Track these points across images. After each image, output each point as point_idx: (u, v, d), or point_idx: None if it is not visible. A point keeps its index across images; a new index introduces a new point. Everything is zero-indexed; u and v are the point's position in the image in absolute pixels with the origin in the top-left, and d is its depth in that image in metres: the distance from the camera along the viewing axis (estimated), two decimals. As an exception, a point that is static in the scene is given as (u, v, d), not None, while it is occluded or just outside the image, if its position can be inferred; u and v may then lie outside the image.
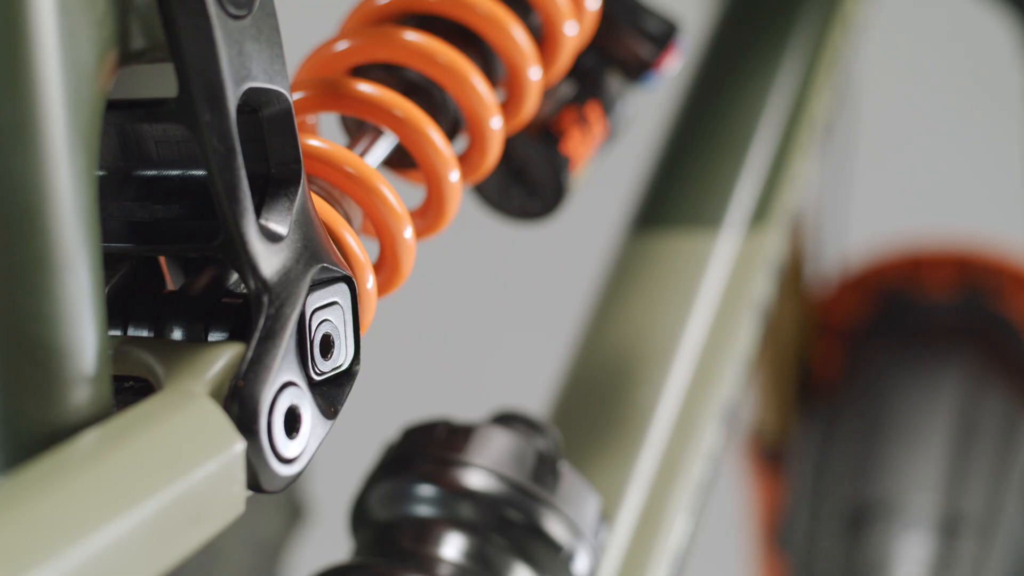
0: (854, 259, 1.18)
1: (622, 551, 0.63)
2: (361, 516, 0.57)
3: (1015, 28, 1.01)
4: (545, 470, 0.55)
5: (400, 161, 0.51)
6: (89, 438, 0.37)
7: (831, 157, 1.11)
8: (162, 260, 0.46)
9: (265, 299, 0.41)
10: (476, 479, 0.54)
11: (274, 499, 0.78)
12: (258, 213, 0.42)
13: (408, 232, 0.48)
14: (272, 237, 0.42)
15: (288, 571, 0.81)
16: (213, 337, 0.43)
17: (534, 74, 0.52)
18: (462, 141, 0.52)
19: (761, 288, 0.73)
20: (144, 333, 0.44)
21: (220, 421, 0.40)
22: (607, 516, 0.61)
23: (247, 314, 0.42)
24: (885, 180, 1.67)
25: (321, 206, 0.45)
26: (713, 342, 0.70)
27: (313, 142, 0.46)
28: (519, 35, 0.51)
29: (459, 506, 0.54)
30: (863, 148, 1.21)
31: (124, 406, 0.39)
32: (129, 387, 0.42)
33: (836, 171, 1.14)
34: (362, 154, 0.49)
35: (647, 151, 0.80)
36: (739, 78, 0.80)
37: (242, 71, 0.40)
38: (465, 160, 0.52)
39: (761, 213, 0.75)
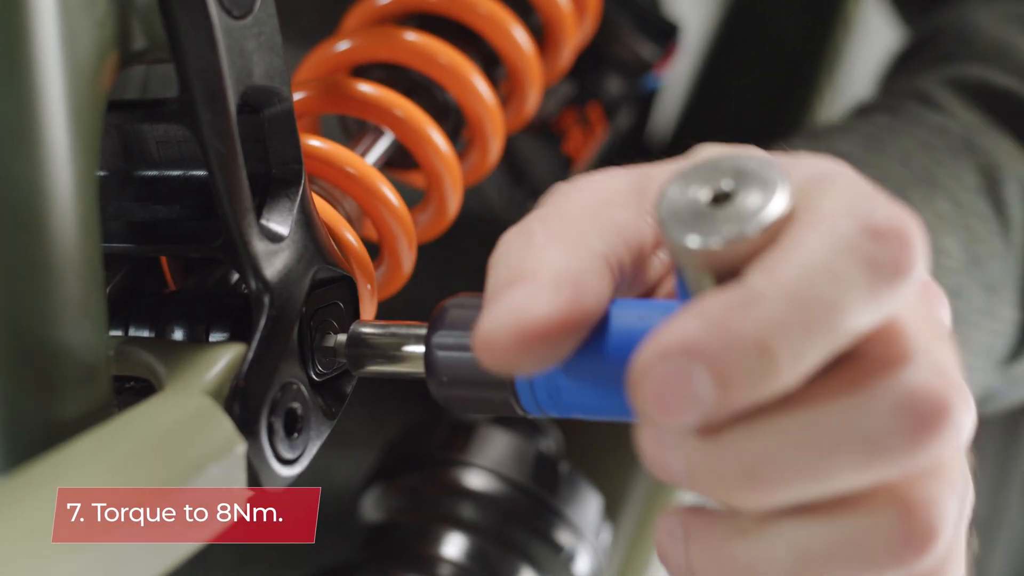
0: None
1: (623, 551, 0.63)
2: (361, 515, 0.57)
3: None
4: (546, 471, 0.55)
5: (401, 161, 0.51)
6: (90, 438, 0.37)
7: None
8: (163, 260, 0.46)
9: (266, 299, 0.41)
10: (477, 479, 0.54)
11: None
12: (259, 213, 0.42)
13: (409, 233, 0.48)
14: (273, 237, 0.42)
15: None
16: (214, 337, 0.43)
17: (535, 74, 0.52)
18: (463, 141, 0.52)
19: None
20: (145, 333, 0.44)
21: (221, 422, 0.39)
22: (608, 516, 0.61)
23: (248, 314, 0.42)
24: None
25: (322, 206, 0.45)
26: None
27: (314, 142, 0.46)
28: (520, 35, 0.51)
29: (459, 506, 0.54)
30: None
31: (125, 406, 0.39)
32: (130, 387, 0.42)
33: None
34: (363, 154, 0.49)
35: (647, 150, 0.80)
36: (739, 78, 0.80)
37: (243, 71, 0.40)
38: (466, 160, 0.52)
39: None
